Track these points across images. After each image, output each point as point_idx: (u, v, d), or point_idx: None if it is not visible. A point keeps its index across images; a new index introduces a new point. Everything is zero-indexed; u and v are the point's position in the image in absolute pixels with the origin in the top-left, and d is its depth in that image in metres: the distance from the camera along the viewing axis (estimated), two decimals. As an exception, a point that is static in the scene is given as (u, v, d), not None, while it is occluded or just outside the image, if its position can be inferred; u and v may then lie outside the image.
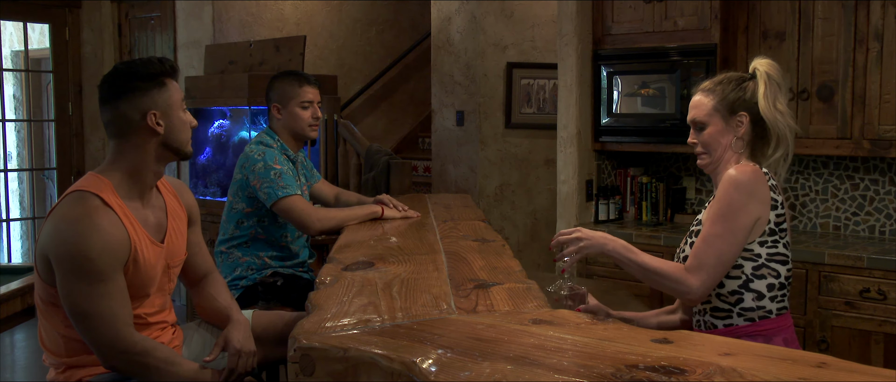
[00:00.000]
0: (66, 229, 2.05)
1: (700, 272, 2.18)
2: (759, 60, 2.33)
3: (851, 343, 3.43)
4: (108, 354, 2.09)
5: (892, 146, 3.55)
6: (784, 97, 2.31)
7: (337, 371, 1.52)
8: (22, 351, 5.54)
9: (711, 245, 2.18)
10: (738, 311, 2.24)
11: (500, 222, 5.51)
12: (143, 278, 2.18)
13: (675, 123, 4.07)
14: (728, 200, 2.18)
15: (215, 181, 5.76)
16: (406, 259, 2.37)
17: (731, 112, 2.30)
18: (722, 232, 2.17)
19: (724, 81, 2.33)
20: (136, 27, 6.67)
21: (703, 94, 2.34)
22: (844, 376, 1.39)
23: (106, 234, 2.05)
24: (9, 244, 7.46)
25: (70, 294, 2.06)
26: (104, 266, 2.05)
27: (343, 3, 6.93)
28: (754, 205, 2.18)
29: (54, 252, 2.06)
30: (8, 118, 7.48)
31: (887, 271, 3.35)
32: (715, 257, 2.18)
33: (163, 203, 2.31)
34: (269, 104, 3.35)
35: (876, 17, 3.55)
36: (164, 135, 2.19)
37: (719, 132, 2.31)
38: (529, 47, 5.64)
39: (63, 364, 2.21)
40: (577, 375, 1.35)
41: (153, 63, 2.18)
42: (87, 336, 2.09)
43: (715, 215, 2.20)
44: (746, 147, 2.31)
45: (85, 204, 2.08)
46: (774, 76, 2.29)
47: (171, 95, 2.20)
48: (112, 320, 2.07)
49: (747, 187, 2.18)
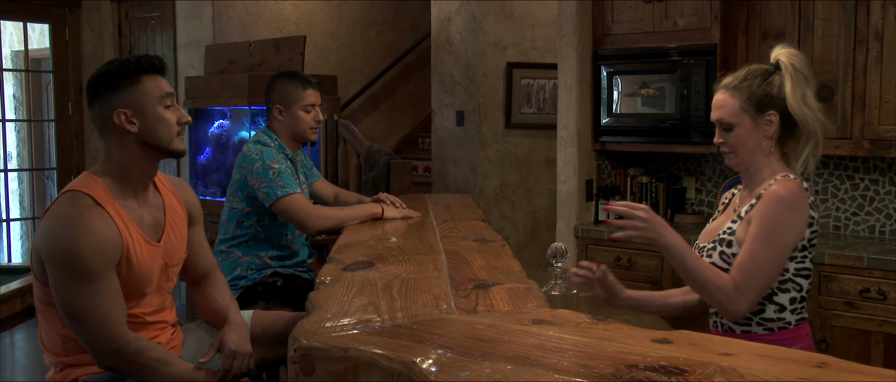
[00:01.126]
0: (58, 228, 2.06)
1: (748, 294, 2.12)
2: (780, 49, 2.22)
3: (851, 343, 3.42)
4: (101, 353, 2.09)
5: (892, 146, 3.55)
6: (812, 89, 2.19)
7: (337, 371, 1.51)
8: (22, 351, 5.54)
9: (761, 268, 2.10)
10: (758, 320, 2.20)
11: (500, 222, 5.51)
12: (138, 277, 2.18)
13: (675, 123, 4.07)
14: (777, 219, 2.10)
15: (215, 181, 5.75)
16: (406, 259, 2.37)
17: (759, 111, 2.18)
18: (772, 256, 2.10)
19: (749, 77, 2.21)
20: (136, 27, 6.67)
21: (728, 91, 2.22)
22: (844, 376, 1.39)
23: (97, 233, 2.06)
24: (9, 244, 7.46)
25: (62, 294, 2.06)
26: (95, 266, 2.05)
27: (343, 3, 6.93)
28: (799, 223, 2.12)
29: (46, 252, 2.07)
30: (8, 118, 7.48)
31: (887, 271, 3.35)
32: (762, 280, 2.11)
33: (161, 202, 2.30)
34: (270, 105, 3.34)
35: (876, 17, 3.55)
36: (140, 133, 2.16)
37: (747, 133, 2.20)
38: (529, 47, 5.64)
39: (61, 363, 2.22)
40: (577, 375, 1.35)
41: (129, 62, 2.17)
42: (80, 336, 2.10)
43: (763, 235, 2.11)
44: (776, 145, 2.22)
45: (77, 204, 2.08)
46: (800, 67, 2.18)
47: (146, 91, 2.17)
48: (104, 319, 2.07)
49: (794, 205, 2.11)
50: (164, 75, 2.23)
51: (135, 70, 2.17)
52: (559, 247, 2.87)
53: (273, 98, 3.33)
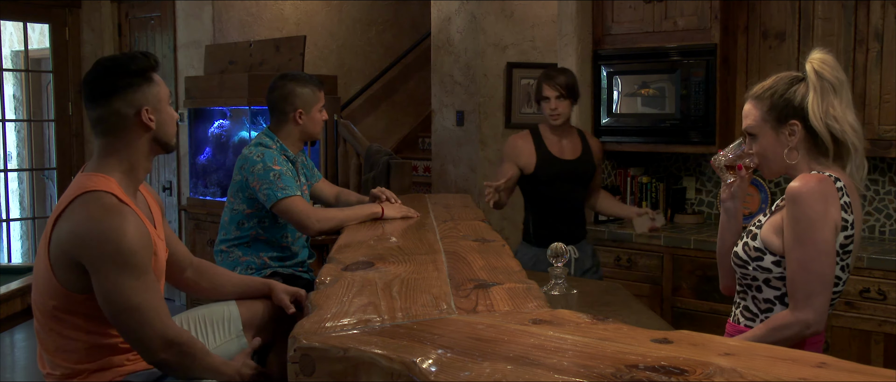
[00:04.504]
0: (100, 227, 2.03)
1: (811, 302, 2.04)
2: (813, 54, 2.14)
3: (851, 343, 3.42)
4: (157, 346, 2.08)
5: (892, 146, 3.55)
6: (842, 98, 2.10)
7: (337, 371, 1.51)
8: (22, 351, 5.54)
9: (806, 270, 2.03)
10: (762, 318, 2.19)
11: (500, 223, 5.51)
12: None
13: (674, 123, 4.07)
14: (802, 219, 2.03)
15: (215, 181, 5.76)
16: (406, 259, 2.37)
17: (780, 120, 2.13)
18: (811, 254, 2.02)
19: (774, 86, 2.16)
20: (136, 27, 6.67)
21: (753, 101, 2.18)
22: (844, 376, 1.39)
23: (138, 227, 2.08)
24: (9, 244, 7.46)
25: (115, 292, 2.04)
26: (144, 259, 2.07)
27: (343, 3, 6.93)
28: (832, 210, 2.03)
29: (94, 251, 2.03)
30: (8, 118, 7.48)
31: (887, 271, 3.35)
32: (817, 281, 2.03)
33: (145, 200, 2.32)
34: (288, 110, 3.29)
35: (876, 17, 3.55)
36: (155, 130, 2.19)
37: (770, 143, 2.15)
38: (529, 47, 5.64)
39: (84, 371, 2.17)
40: (577, 375, 1.35)
41: (138, 58, 2.18)
42: (134, 332, 2.08)
43: (796, 238, 2.04)
44: (806, 155, 2.13)
45: (105, 201, 2.07)
46: (827, 75, 2.09)
47: (160, 89, 2.20)
48: (158, 312, 2.08)
49: (818, 201, 2.02)
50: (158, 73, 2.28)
51: (147, 67, 2.19)
52: (559, 247, 2.88)
53: (294, 103, 3.29)
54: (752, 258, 2.17)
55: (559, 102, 3.63)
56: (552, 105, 3.64)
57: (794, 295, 2.07)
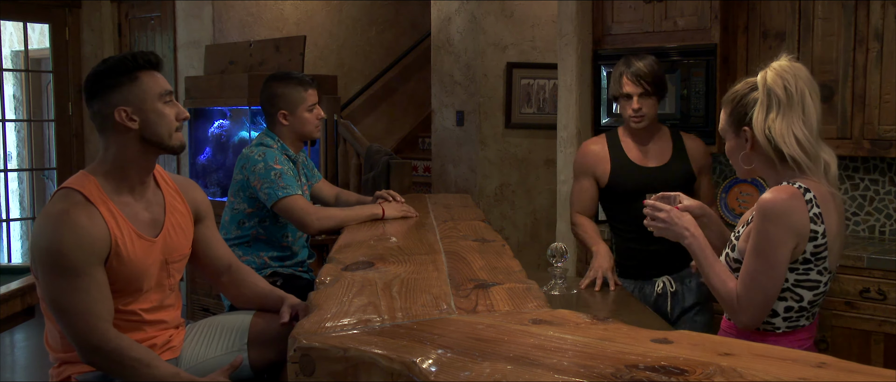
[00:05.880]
0: (44, 225, 2.11)
1: (748, 308, 2.11)
2: (775, 62, 2.13)
3: (851, 343, 3.43)
4: (83, 349, 2.11)
5: (892, 146, 3.55)
6: (793, 111, 2.06)
7: (337, 371, 1.52)
8: (22, 351, 5.54)
9: (756, 281, 2.08)
10: None
11: (500, 222, 5.51)
12: (131, 272, 2.18)
13: (674, 123, 4.07)
14: (764, 233, 2.04)
15: (215, 181, 5.76)
16: (406, 259, 2.37)
17: (737, 126, 2.15)
18: (763, 268, 2.06)
19: (740, 90, 2.16)
20: (136, 27, 6.67)
21: (723, 104, 2.20)
22: (844, 376, 1.39)
23: (81, 229, 2.08)
24: (9, 244, 7.46)
25: (47, 290, 2.10)
26: (78, 261, 2.07)
27: (343, 3, 6.93)
28: (790, 237, 2.04)
29: (33, 248, 2.12)
30: (8, 118, 7.48)
31: (887, 271, 3.35)
32: (761, 294, 2.08)
33: (162, 199, 2.31)
34: (273, 111, 3.30)
35: (876, 17, 3.55)
36: (140, 129, 2.18)
37: (733, 148, 2.18)
38: (529, 47, 5.64)
39: (58, 360, 2.25)
40: (577, 375, 1.35)
41: (126, 59, 2.19)
42: (65, 331, 2.12)
43: (754, 248, 2.07)
44: (771, 163, 2.12)
45: (66, 201, 2.12)
46: (777, 89, 2.07)
47: (146, 88, 2.18)
48: (86, 315, 2.08)
49: (781, 218, 2.02)
50: (160, 71, 2.25)
51: (133, 67, 2.18)
52: (559, 247, 2.87)
53: (276, 105, 3.30)
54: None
55: (643, 100, 2.98)
56: (635, 104, 2.97)
57: (741, 294, 2.12)
